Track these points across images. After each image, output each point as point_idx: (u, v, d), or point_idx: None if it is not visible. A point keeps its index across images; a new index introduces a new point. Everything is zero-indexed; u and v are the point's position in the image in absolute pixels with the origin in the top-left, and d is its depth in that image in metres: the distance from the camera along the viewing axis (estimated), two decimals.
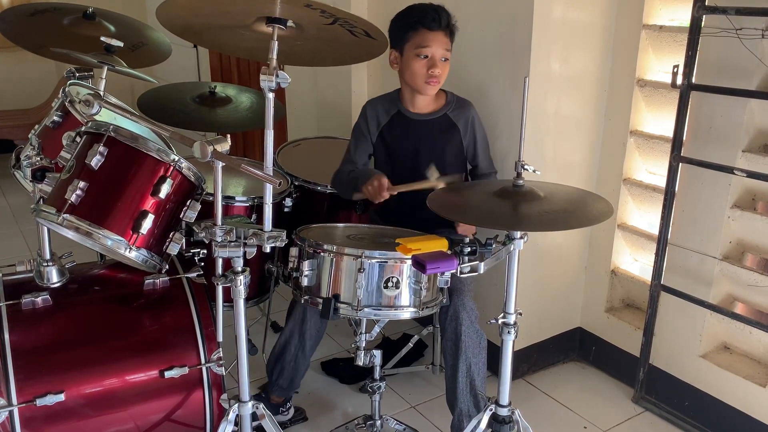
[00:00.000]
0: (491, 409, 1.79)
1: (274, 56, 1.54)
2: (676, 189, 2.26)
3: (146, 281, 1.88)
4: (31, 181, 1.74)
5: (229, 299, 1.64)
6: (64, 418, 1.69)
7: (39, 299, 1.76)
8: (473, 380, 2.07)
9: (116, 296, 1.91)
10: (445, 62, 2.12)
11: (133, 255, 1.60)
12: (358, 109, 2.33)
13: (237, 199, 2.29)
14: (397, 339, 2.80)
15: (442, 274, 1.82)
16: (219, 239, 1.58)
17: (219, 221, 1.58)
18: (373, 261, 1.77)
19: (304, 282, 1.84)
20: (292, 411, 2.35)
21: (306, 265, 1.82)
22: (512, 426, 1.79)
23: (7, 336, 1.68)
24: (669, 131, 2.26)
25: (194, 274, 1.94)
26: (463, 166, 2.28)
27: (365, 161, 2.30)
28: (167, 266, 1.72)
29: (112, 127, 1.61)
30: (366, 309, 1.79)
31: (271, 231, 1.59)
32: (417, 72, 2.11)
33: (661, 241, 2.32)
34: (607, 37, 2.43)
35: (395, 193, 2.01)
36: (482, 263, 1.61)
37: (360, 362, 1.92)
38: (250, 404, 1.73)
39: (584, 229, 2.63)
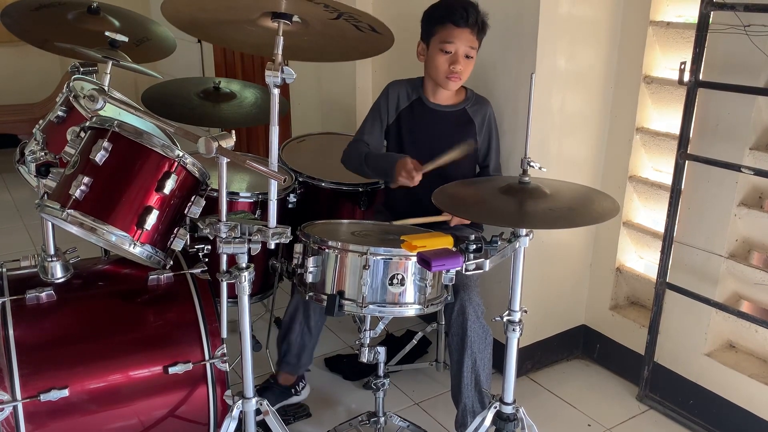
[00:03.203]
0: (495, 407, 1.78)
1: (280, 52, 1.53)
2: (683, 187, 2.25)
3: (150, 277, 1.87)
4: (35, 176, 1.74)
5: (233, 295, 1.64)
6: (67, 413, 1.69)
7: (43, 294, 1.76)
8: (478, 376, 2.07)
9: (120, 292, 1.91)
10: (468, 59, 2.13)
11: (138, 251, 1.60)
12: (363, 105, 2.33)
13: (241, 195, 2.29)
14: (401, 336, 2.79)
15: (447, 271, 1.82)
16: (223, 235, 1.58)
17: (223, 217, 1.58)
18: (378, 258, 1.77)
19: (309, 278, 1.83)
20: (307, 389, 2.36)
21: (311, 262, 1.82)
22: (516, 423, 1.78)
23: (11, 331, 1.68)
24: (675, 128, 2.25)
25: (198, 270, 1.93)
26: (474, 159, 2.28)
27: (378, 141, 2.29)
28: (171, 262, 1.72)
29: (116, 122, 1.60)
30: (371, 306, 1.78)
31: (276, 227, 1.59)
32: (439, 66, 2.13)
33: (667, 239, 2.31)
34: (613, 33, 2.41)
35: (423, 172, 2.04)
36: (487, 260, 1.60)
37: (364, 359, 1.92)
38: (254, 401, 1.73)
39: (590, 226, 2.62)
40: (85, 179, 1.55)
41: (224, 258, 1.61)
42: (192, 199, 1.71)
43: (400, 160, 2.07)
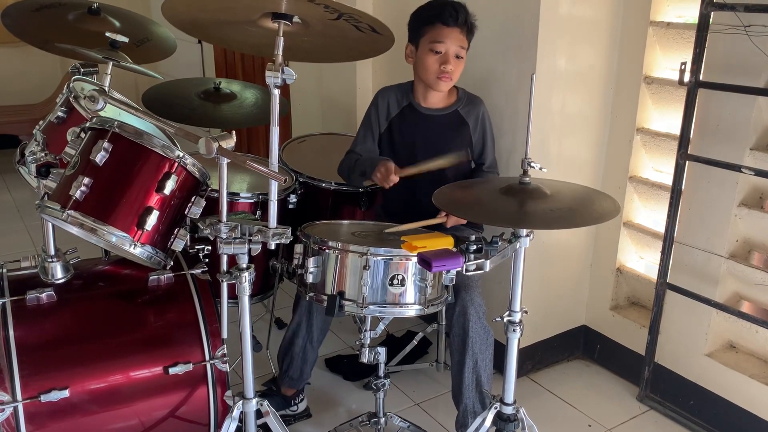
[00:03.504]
0: (496, 407, 1.78)
1: (280, 52, 1.54)
2: (683, 187, 2.25)
3: (150, 277, 1.87)
4: (35, 176, 1.74)
5: (233, 296, 1.64)
6: (68, 414, 1.69)
7: (44, 295, 1.76)
8: (479, 376, 2.07)
9: (121, 292, 1.91)
10: (458, 60, 2.12)
11: (138, 251, 1.60)
12: (363, 105, 2.32)
13: (242, 195, 2.28)
14: (402, 336, 2.79)
15: (448, 272, 1.82)
16: (224, 236, 1.58)
17: (224, 218, 1.58)
18: (379, 258, 1.77)
19: (309, 279, 1.83)
20: (304, 404, 2.35)
21: (311, 262, 1.82)
22: (517, 424, 1.78)
23: (11, 332, 1.68)
24: (676, 129, 2.25)
25: (199, 271, 1.93)
26: (468, 163, 2.28)
27: (371, 151, 2.29)
28: (172, 262, 1.72)
29: (116, 123, 1.60)
30: (371, 306, 1.78)
31: (276, 228, 1.59)
32: (429, 67, 2.11)
33: (667, 240, 2.30)
34: (613, 33, 2.41)
35: (404, 176, 2.03)
36: (488, 261, 1.61)
37: (364, 359, 1.92)
38: (254, 401, 1.73)
39: (590, 226, 2.62)
40: (86, 180, 1.55)
41: (224, 258, 1.61)
42: (192, 200, 1.71)
43: (382, 161, 2.08)
